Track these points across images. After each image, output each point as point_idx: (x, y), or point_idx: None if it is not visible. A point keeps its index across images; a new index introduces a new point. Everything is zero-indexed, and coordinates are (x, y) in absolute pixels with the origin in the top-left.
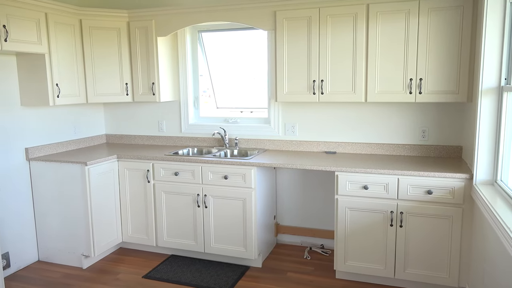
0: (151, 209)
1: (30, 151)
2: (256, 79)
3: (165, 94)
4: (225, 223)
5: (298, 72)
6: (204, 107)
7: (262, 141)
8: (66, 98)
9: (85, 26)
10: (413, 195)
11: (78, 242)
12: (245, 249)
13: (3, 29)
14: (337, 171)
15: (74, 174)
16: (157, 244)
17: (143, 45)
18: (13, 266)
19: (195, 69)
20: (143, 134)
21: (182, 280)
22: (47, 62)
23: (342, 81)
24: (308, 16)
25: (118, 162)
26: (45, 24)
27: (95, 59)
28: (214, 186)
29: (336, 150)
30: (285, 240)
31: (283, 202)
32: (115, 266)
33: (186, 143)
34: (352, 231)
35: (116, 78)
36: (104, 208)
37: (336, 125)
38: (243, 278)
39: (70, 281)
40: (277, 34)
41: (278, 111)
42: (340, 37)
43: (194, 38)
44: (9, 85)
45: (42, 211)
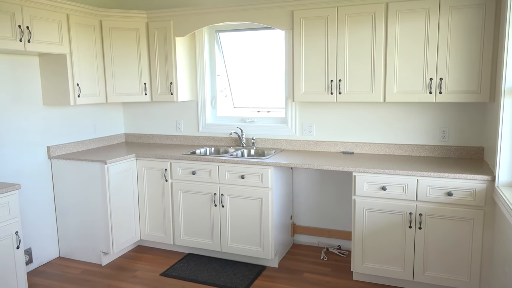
0: (168, 208)
1: (52, 149)
2: (273, 79)
3: (183, 94)
4: (242, 223)
5: (316, 72)
6: (221, 106)
7: (279, 141)
8: (86, 97)
9: (105, 27)
10: (432, 197)
11: (97, 239)
12: (261, 248)
13: (26, 30)
14: (355, 171)
15: (94, 172)
16: (174, 242)
17: (162, 46)
18: (35, 262)
19: (212, 69)
20: (161, 134)
21: (199, 279)
22: (68, 63)
23: (360, 81)
24: (325, 16)
25: (136, 161)
26: (67, 25)
27: (114, 59)
28: (231, 185)
29: (353, 150)
30: (302, 241)
31: (299, 202)
32: (133, 263)
33: (203, 142)
34: (370, 232)
35: (135, 78)
36: (123, 206)
37: (354, 125)
38: (260, 277)
39: (90, 277)
40: (295, 34)
41: (295, 111)
42: (358, 37)
43: (211, 38)
44: (32, 85)
45: (63, 209)
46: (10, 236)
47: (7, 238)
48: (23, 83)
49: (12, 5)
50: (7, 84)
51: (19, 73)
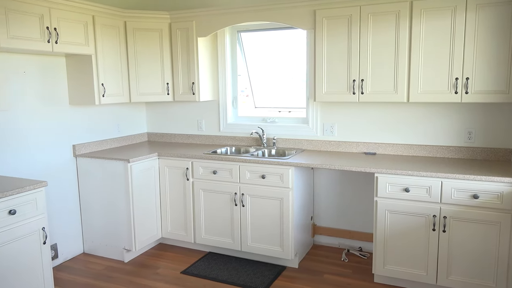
0: (189, 207)
1: (77, 148)
2: (294, 78)
3: (204, 94)
4: (262, 222)
5: (338, 71)
6: (242, 106)
7: (300, 141)
8: (110, 97)
9: (129, 27)
10: (457, 199)
11: (120, 236)
12: (281, 249)
13: (54, 32)
14: (377, 172)
15: (117, 170)
16: (195, 241)
17: (184, 46)
18: (60, 257)
19: (234, 69)
20: (183, 133)
21: (219, 278)
22: (94, 63)
23: (383, 81)
24: (348, 15)
25: (158, 159)
26: (92, 27)
27: (138, 59)
28: (252, 185)
29: (376, 151)
30: (322, 241)
31: (320, 202)
32: (155, 261)
33: (224, 142)
34: (392, 234)
35: (157, 78)
36: (145, 204)
37: (376, 126)
38: (279, 278)
39: (113, 273)
40: (317, 33)
41: (317, 111)
42: (381, 36)
43: (233, 38)
44: (59, 85)
45: (87, 206)
46: (37, 232)
47: (34, 233)
48: (50, 83)
49: (41, 8)
50: (36, 84)
51: (47, 73)
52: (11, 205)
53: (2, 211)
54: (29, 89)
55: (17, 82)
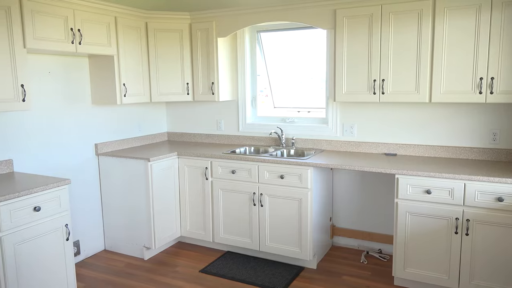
0: (208, 206)
1: (99, 146)
2: (313, 78)
3: (224, 94)
4: (281, 223)
5: (358, 71)
6: (261, 106)
7: (319, 141)
8: (132, 97)
9: (150, 28)
10: (481, 202)
11: (140, 234)
12: (300, 249)
13: (77, 33)
14: (398, 173)
15: (137, 169)
16: (213, 240)
17: (204, 46)
18: (82, 254)
19: (253, 69)
20: (202, 133)
21: (237, 277)
22: (116, 63)
23: (405, 81)
24: (369, 14)
25: (178, 159)
26: (115, 28)
27: (158, 60)
28: (270, 185)
29: (396, 152)
30: (341, 243)
31: (339, 203)
32: (174, 259)
33: (243, 142)
34: (413, 236)
35: (178, 78)
36: (165, 203)
37: (397, 126)
38: (298, 278)
39: (133, 270)
40: (337, 33)
41: (336, 111)
42: (403, 35)
43: (253, 38)
44: (82, 85)
45: (109, 203)
46: (60, 228)
47: (58, 230)
48: (74, 83)
49: (65, 9)
50: (60, 84)
51: (70, 73)
52: (36, 202)
53: (28, 207)
54: (53, 89)
55: (42, 82)
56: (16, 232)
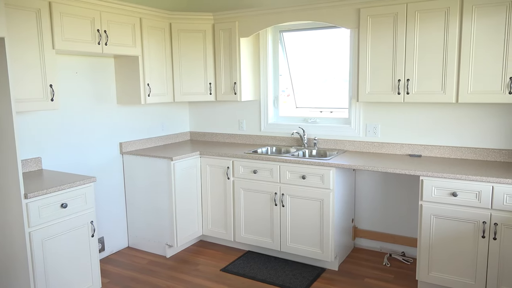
0: (230, 205)
1: (124, 145)
2: (336, 78)
3: (246, 94)
4: (302, 223)
5: (382, 71)
6: (283, 106)
7: (342, 141)
8: (155, 97)
9: (174, 29)
10: (510, 206)
11: (162, 232)
12: (321, 250)
13: (104, 34)
14: (422, 175)
15: (161, 168)
16: (234, 239)
17: (227, 46)
18: (107, 250)
19: (275, 69)
20: (224, 132)
21: (258, 277)
22: (140, 64)
23: (430, 81)
24: (394, 13)
25: (200, 158)
26: (140, 29)
27: (182, 60)
28: (292, 185)
29: (421, 153)
30: (363, 245)
31: (362, 205)
32: (195, 257)
33: (265, 142)
34: (438, 240)
35: (200, 78)
36: (187, 201)
37: (422, 127)
38: (319, 279)
39: (155, 268)
40: (361, 32)
41: (359, 111)
42: (429, 34)
43: (275, 38)
44: (107, 85)
45: (132, 201)
46: (86, 225)
47: (83, 226)
48: (100, 83)
49: (92, 11)
50: (86, 84)
51: (96, 73)
52: (63, 199)
53: (55, 204)
54: (80, 89)
55: (69, 82)
56: (44, 228)
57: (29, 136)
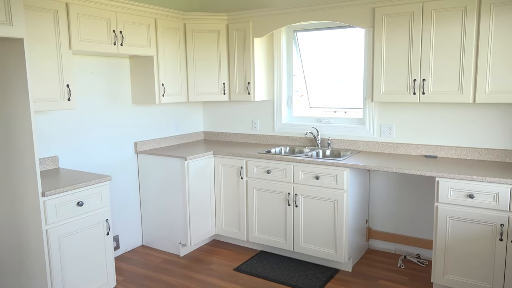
0: (243, 205)
1: (138, 145)
2: (350, 78)
3: (259, 94)
4: (315, 224)
5: (397, 71)
6: (296, 106)
7: (356, 142)
8: (170, 97)
9: (189, 29)
10: None
11: (176, 231)
12: (334, 251)
13: (119, 35)
14: (438, 176)
15: (175, 167)
16: (247, 239)
17: (240, 46)
18: (121, 248)
19: (289, 69)
20: (237, 132)
21: (271, 277)
22: (155, 64)
23: (447, 81)
24: (410, 12)
25: (214, 158)
26: (154, 29)
27: (196, 60)
28: (305, 185)
29: (437, 154)
30: (377, 246)
31: (376, 206)
32: (208, 256)
33: (278, 142)
34: (454, 242)
35: (214, 78)
36: (200, 201)
37: (438, 127)
38: (332, 280)
39: (169, 266)
40: (376, 32)
41: (374, 112)
42: (445, 33)
43: (289, 38)
44: (122, 85)
45: (147, 200)
46: (101, 223)
47: (99, 224)
48: (115, 83)
49: (108, 12)
50: (102, 84)
51: (112, 74)
52: (79, 197)
53: (72, 202)
54: (96, 89)
55: (85, 82)
56: (61, 226)
57: (46, 135)
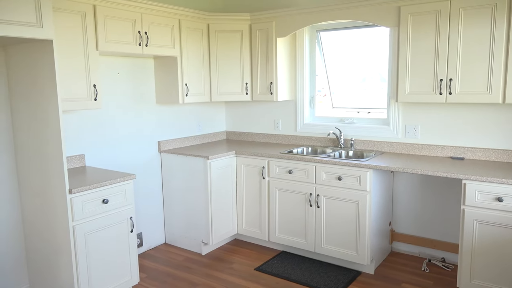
0: (264, 205)
1: (162, 144)
2: (374, 78)
3: (282, 94)
4: (337, 225)
5: (423, 70)
6: (319, 106)
7: (380, 143)
8: (193, 97)
9: (212, 30)
10: None
11: (198, 230)
12: (357, 253)
13: (144, 36)
14: (465, 179)
15: (197, 166)
16: (269, 239)
17: (263, 46)
18: (145, 245)
19: (312, 69)
20: (260, 132)
21: (292, 277)
22: (179, 64)
23: (475, 80)
24: (437, 10)
25: (236, 157)
26: (178, 30)
27: (219, 60)
28: (327, 186)
29: (464, 155)
30: (401, 249)
31: (400, 208)
32: (230, 255)
33: (300, 142)
34: (481, 246)
35: (237, 78)
36: (222, 200)
37: (465, 128)
38: (354, 283)
39: (191, 265)
40: (401, 31)
41: (398, 112)
42: (474, 32)
43: (312, 38)
44: (147, 85)
45: (169, 199)
46: (125, 221)
47: (123, 222)
48: (140, 83)
49: (134, 13)
50: (128, 84)
51: (137, 74)
52: (105, 195)
53: (97, 200)
54: (121, 89)
55: (111, 82)
56: (87, 222)
57: (74, 134)
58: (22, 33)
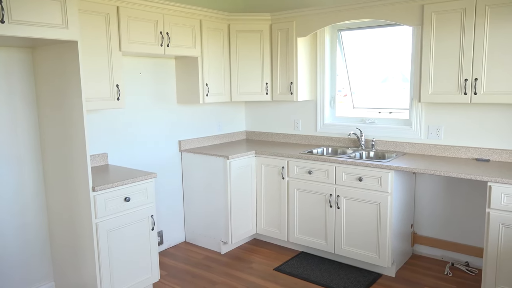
0: (284, 205)
1: (183, 143)
2: (396, 78)
3: (302, 94)
4: (358, 226)
5: (447, 70)
6: (339, 106)
7: (401, 143)
8: (213, 96)
9: (232, 30)
10: None
11: (218, 229)
12: (377, 255)
13: (166, 36)
14: (491, 181)
15: (217, 166)
16: (288, 239)
17: (284, 46)
18: (165, 243)
19: (332, 68)
20: (279, 132)
21: (311, 278)
22: (199, 64)
23: (501, 80)
24: (462, 8)
25: (256, 157)
26: (199, 30)
27: (239, 60)
28: (348, 187)
29: (489, 157)
30: (423, 252)
31: (422, 210)
32: (249, 255)
33: (320, 142)
34: (507, 251)
35: (257, 78)
36: (242, 200)
37: (491, 129)
38: (374, 285)
39: (210, 263)
40: (424, 30)
41: (421, 112)
42: (501, 30)
43: (333, 37)
44: (168, 85)
45: (190, 198)
46: (146, 219)
47: (144, 220)
48: (161, 83)
49: (156, 14)
50: (149, 84)
51: (158, 74)
52: (127, 193)
53: (119, 198)
54: (143, 89)
55: (133, 82)
56: (109, 220)
57: (97, 133)
58: (48, 34)
